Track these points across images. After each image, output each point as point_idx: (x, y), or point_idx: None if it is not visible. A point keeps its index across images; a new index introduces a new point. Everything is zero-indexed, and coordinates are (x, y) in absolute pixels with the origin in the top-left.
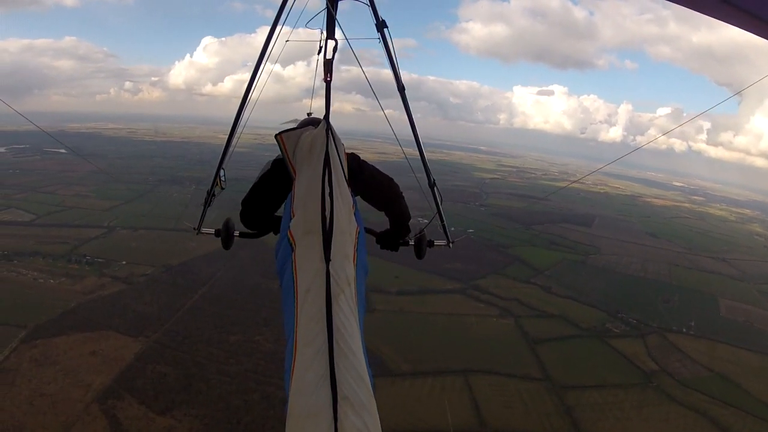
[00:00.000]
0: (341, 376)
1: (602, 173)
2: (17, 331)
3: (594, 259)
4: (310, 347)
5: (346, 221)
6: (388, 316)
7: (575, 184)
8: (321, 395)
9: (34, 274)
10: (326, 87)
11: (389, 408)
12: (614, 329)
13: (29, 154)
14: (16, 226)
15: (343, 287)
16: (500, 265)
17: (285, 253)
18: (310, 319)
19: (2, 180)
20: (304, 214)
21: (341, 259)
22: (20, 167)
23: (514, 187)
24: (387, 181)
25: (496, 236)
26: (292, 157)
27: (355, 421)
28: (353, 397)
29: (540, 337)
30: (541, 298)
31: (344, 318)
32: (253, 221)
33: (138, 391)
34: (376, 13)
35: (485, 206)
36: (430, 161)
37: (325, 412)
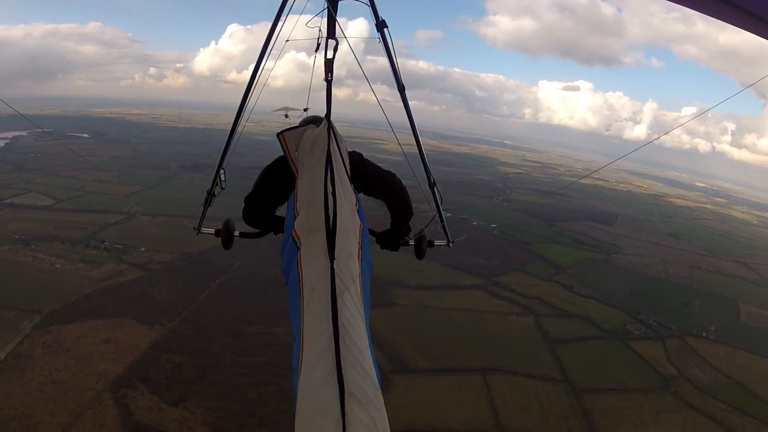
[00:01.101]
0: (348, 372)
1: (626, 171)
2: (31, 316)
3: (616, 258)
4: (316, 345)
5: (349, 219)
6: (408, 310)
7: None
8: (328, 392)
9: (51, 259)
10: (327, 86)
11: (406, 405)
12: (635, 331)
13: (51, 138)
14: (35, 210)
15: (348, 284)
16: (522, 261)
17: (290, 252)
18: (315, 317)
19: (23, 164)
20: (307, 213)
21: (345, 256)
22: (42, 151)
23: (538, 183)
24: (390, 176)
25: (519, 232)
26: (294, 156)
27: (363, 417)
28: (360, 393)
29: (560, 337)
30: (562, 297)
31: (349, 315)
32: (255, 219)
33: (151, 380)
34: (376, 13)
35: (509, 201)
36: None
37: (332, 409)
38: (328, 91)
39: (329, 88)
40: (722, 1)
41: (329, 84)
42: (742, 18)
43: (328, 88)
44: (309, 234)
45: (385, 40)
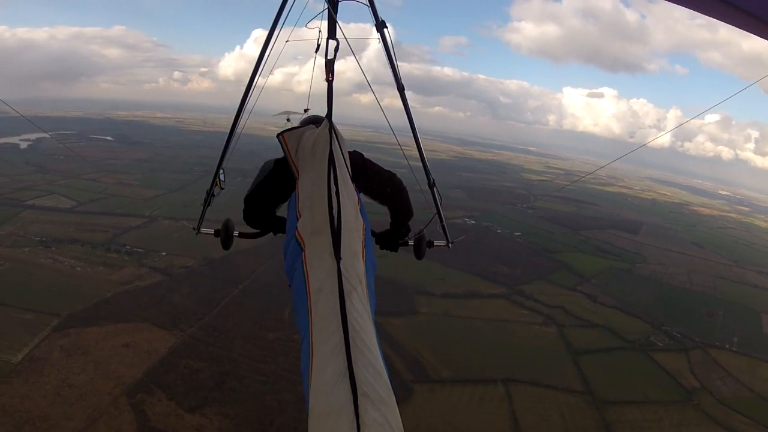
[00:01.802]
0: (359, 372)
1: (651, 179)
2: (50, 319)
3: (640, 267)
4: (326, 345)
5: (353, 219)
6: (431, 319)
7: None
8: (341, 392)
9: (71, 261)
10: (328, 86)
11: (427, 416)
12: (658, 342)
13: (74, 140)
14: (57, 212)
15: (354, 285)
16: (546, 270)
17: (294, 254)
18: (324, 318)
19: (46, 165)
20: (311, 214)
21: (351, 256)
22: (64, 153)
23: (562, 190)
24: (390, 176)
25: (543, 240)
26: (295, 157)
27: (376, 417)
28: (372, 393)
29: (583, 348)
30: (586, 307)
31: (358, 315)
32: (255, 219)
33: (169, 386)
34: (376, 13)
35: (533, 209)
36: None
37: (346, 409)
38: (329, 92)
39: (330, 89)
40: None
41: (330, 84)
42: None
43: (329, 88)
44: (313, 235)
45: (384, 41)
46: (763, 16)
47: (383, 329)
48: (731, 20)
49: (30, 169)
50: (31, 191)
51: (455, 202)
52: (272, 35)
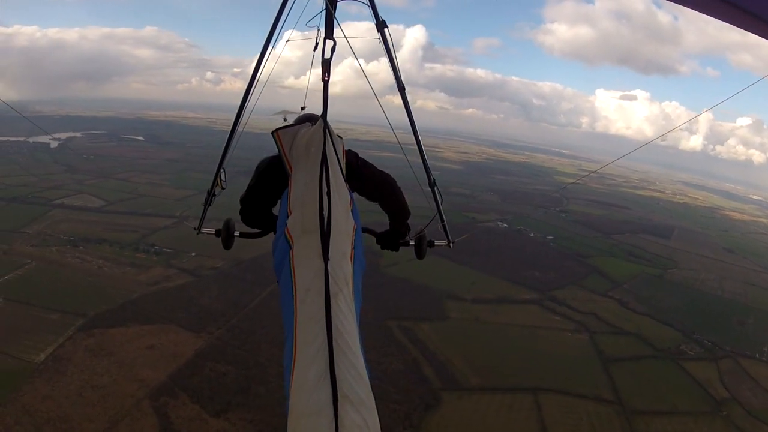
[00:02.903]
0: (341, 374)
1: (683, 183)
2: (75, 319)
3: (672, 273)
4: (310, 346)
5: (343, 220)
6: (462, 324)
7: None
8: (322, 393)
9: (99, 261)
10: (324, 86)
11: (454, 425)
12: (689, 351)
13: (105, 139)
14: (86, 211)
15: (341, 286)
16: (579, 275)
17: (282, 251)
18: (309, 319)
19: (76, 165)
20: (301, 212)
21: (339, 258)
22: (95, 153)
23: (595, 194)
24: (384, 177)
25: (575, 245)
26: (289, 154)
27: (356, 418)
28: (353, 395)
29: (614, 356)
30: (617, 314)
31: (343, 317)
32: (252, 219)
33: (193, 389)
34: (376, 13)
35: (566, 212)
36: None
37: (326, 410)
38: (325, 92)
39: (326, 89)
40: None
41: (326, 84)
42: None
43: (325, 88)
44: (303, 234)
45: (385, 41)
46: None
47: (413, 333)
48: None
49: (60, 169)
50: (60, 190)
51: (488, 205)
52: (272, 35)
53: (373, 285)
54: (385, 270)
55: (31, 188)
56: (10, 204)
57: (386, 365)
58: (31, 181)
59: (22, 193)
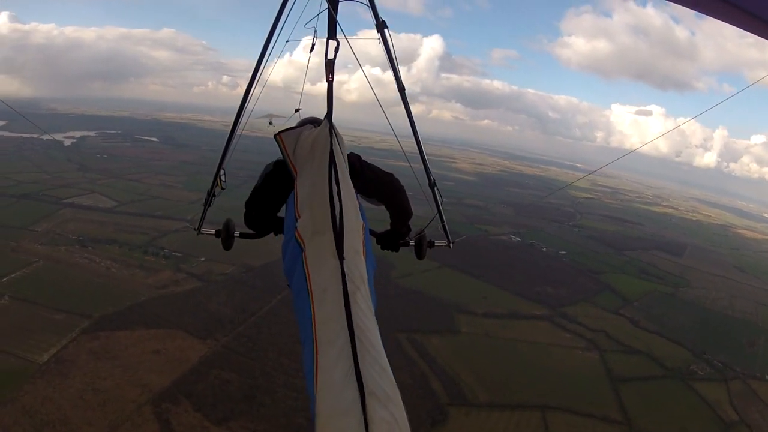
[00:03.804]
0: (366, 372)
1: (696, 200)
2: (80, 320)
3: (683, 292)
4: (332, 346)
5: (354, 218)
6: (471, 339)
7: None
8: (349, 392)
9: (107, 262)
10: (328, 87)
11: None
12: (699, 371)
13: (119, 139)
14: (96, 211)
15: (358, 284)
16: (591, 292)
17: (294, 254)
18: (330, 319)
19: (88, 164)
20: (311, 214)
21: (353, 256)
22: (108, 153)
23: (608, 209)
24: (388, 177)
25: (588, 260)
26: (293, 157)
27: (384, 414)
28: (379, 391)
29: (624, 375)
30: (628, 332)
31: (363, 315)
32: (256, 222)
33: (197, 396)
34: (376, 13)
35: (579, 227)
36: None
37: (354, 409)
38: (329, 92)
39: (330, 89)
40: (722, 1)
41: (330, 84)
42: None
43: (329, 88)
44: (314, 235)
45: (385, 41)
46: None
47: (422, 347)
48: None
49: (72, 167)
50: (72, 189)
51: (502, 218)
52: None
53: (385, 296)
54: (397, 281)
55: (42, 186)
56: (20, 201)
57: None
58: (42, 178)
59: (32, 190)
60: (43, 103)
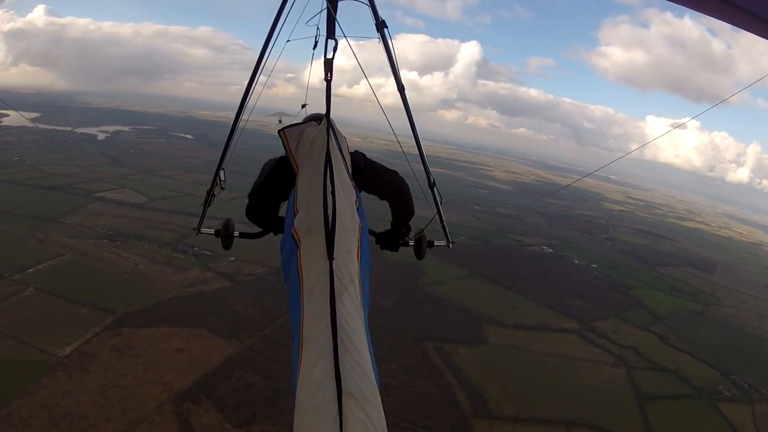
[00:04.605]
0: (345, 372)
1: (727, 216)
2: (104, 315)
3: (713, 310)
4: (315, 345)
5: (349, 218)
6: (499, 351)
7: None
8: (326, 392)
9: (135, 258)
10: (326, 86)
11: None
12: (725, 392)
13: (153, 135)
14: (127, 206)
15: (346, 285)
16: (621, 307)
17: (290, 250)
18: (314, 317)
19: (121, 159)
20: (307, 211)
21: (344, 256)
22: (142, 148)
23: (641, 222)
24: (392, 174)
25: (619, 275)
26: (295, 153)
27: (360, 416)
28: (357, 393)
29: (651, 393)
30: (657, 349)
31: (348, 316)
32: (258, 216)
33: (219, 398)
34: (376, 13)
35: (611, 240)
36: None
37: (330, 408)
38: (328, 91)
39: (329, 88)
40: (722, 1)
41: (328, 84)
42: (742, 18)
43: (328, 87)
44: (308, 233)
45: (385, 41)
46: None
47: (449, 357)
48: (731, 20)
49: (105, 161)
50: (103, 183)
51: (534, 228)
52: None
53: (414, 303)
54: (427, 288)
55: (72, 179)
56: (49, 193)
57: (419, 388)
58: (74, 171)
59: (63, 182)
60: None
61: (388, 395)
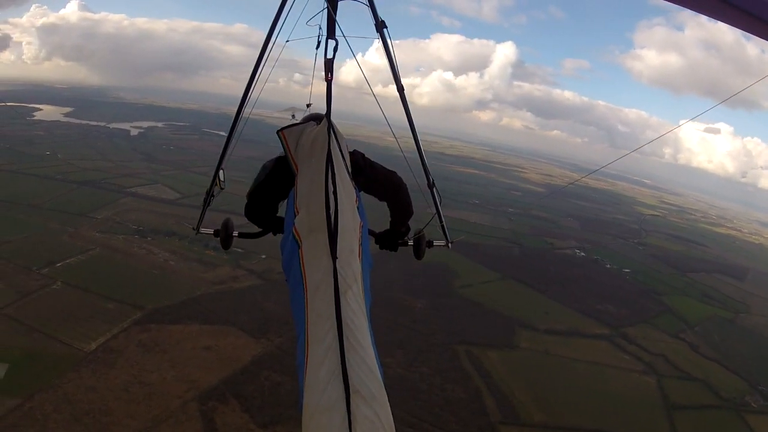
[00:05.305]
0: (352, 370)
1: (759, 223)
2: (132, 311)
3: (743, 318)
4: (321, 344)
5: (350, 217)
6: (529, 356)
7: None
8: (334, 390)
9: (165, 254)
10: (327, 86)
11: None
12: (752, 403)
13: (187, 132)
14: (159, 202)
15: (350, 283)
16: (652, 313)
17: (291, 250)
18: (319, 317)
19: (154, 155)
20: (308, 211)
21: (347, 255)
22: (175, 144)
23: (673, 227)
24: (390, 174)
25: (651, 280)
26: (294, 153)
27: (368, 413)
28: (364, 390)
29: (679, 403)
30: (687, 357)
31: (352, 314)
32: (257, 215)
33: (245, 397)
34: (376, 13)
35: (643, 245)
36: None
37: (338, 406)
38: (328, 91)
39: (329, 88)
40: (722, 2)
41: (329, 84)
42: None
43: (328, 87)
44: (310, 233)
45: (384, 41)
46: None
47: (480, 361)
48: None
49: (137, 157)
50: (135, 178)
51: (567, 232)
52: (272, 34)
53: (446, 307)
54: (459, 291)
55: (104, 173)
56: (81, 187)
57: (448, 392)
58: (106, 166)
59: (95, 177)
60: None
61: (418, 399)
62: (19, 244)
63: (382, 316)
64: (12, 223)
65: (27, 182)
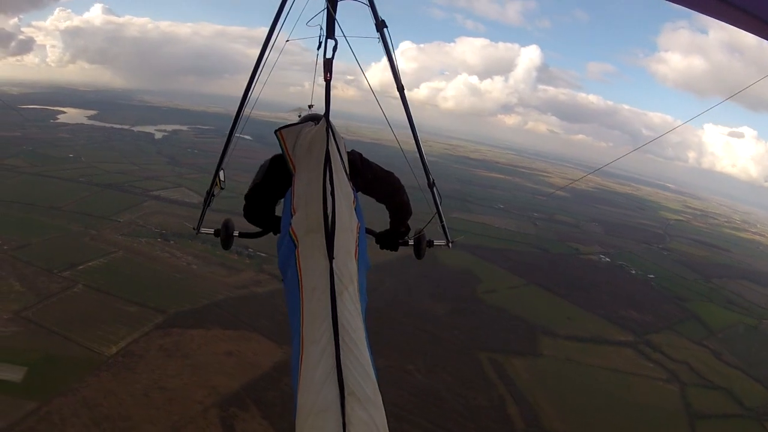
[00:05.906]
0: (347, 372)
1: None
2: (154, 315)
3: (767, 324)
4: (316, 345)
5: (347, 218)
6: (552, 363)
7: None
8: (328, 391)
9: (188, 258)
10: (326, 86)
11: None
12: None
13: (212, 135)
14: (182, 205)
15: (346, 284)
16: (676, 320)
17: (288, 250)
18: (315, 317)
19: (178, 158)
20: (305, 212)
21: (344, 256)
22: (199, 147)
23: (697, 232)
24: (388, 175)
25: (675, 286)
26: (292, 154)
27: (362, 415)
28: (359, 392)
29: (702, 412)
30: (710, 365)
31: (348, 315)
32: (256, 216)
33: (266, 404)
34: (376, 13)
35: (667, 251)
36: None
37: (333, 408)
38: (327, 91)
39: (328, 88)
40: (722, 2)
41: (328, 84)
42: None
43: (327, 87)
44: (307, 233)
45: (384, 41)
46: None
47: (503, 368)
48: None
49: (161, 160)
50: (159, 182)
51: (592, 236)
52: (272, 34)
53: (469, 312)
54: (483, 296)
55: (128, 176)
56: (104, 190)
57: (470, 400)
58: (130, 169)
59: (119, 180)
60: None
61: (440, 407)
62: (41, 247)
63: (405, 323)
64: (34, 225)
65: (50, 185)
